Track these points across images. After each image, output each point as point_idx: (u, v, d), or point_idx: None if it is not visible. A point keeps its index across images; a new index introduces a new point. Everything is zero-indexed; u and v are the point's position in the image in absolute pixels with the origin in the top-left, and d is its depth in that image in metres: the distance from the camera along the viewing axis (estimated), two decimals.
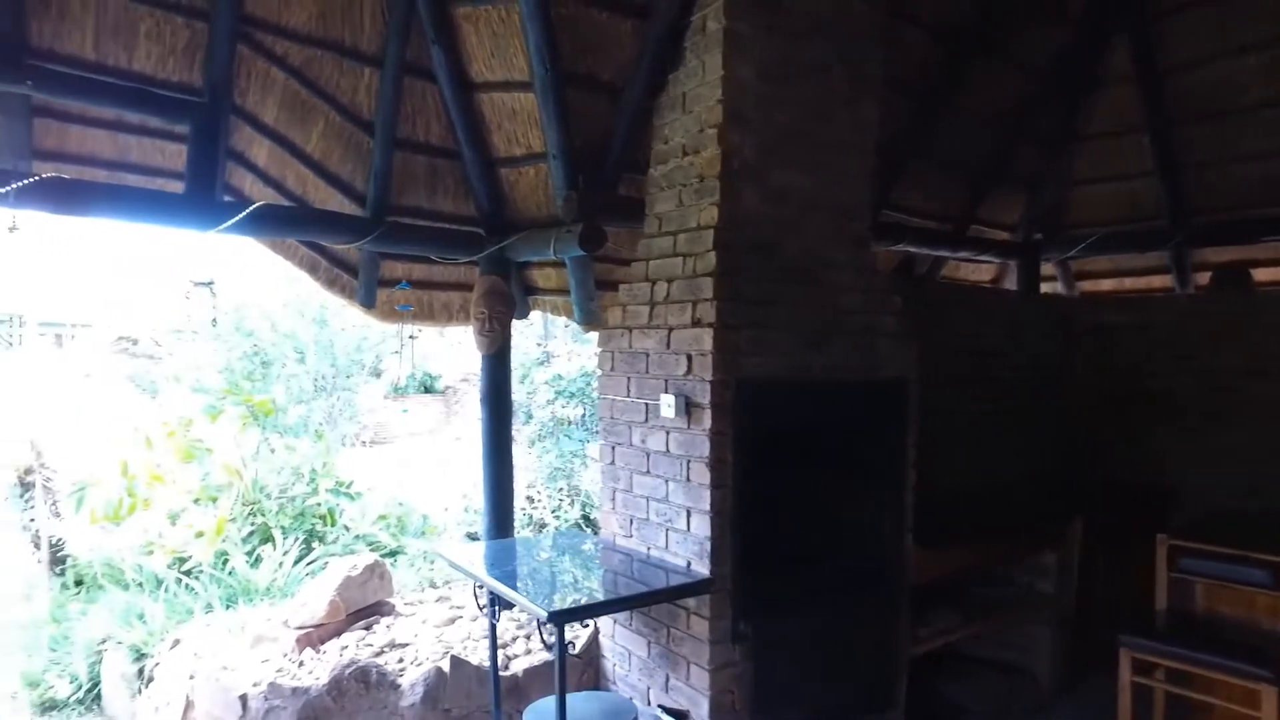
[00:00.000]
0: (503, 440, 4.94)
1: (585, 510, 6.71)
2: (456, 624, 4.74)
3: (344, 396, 8.33)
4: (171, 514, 6.25)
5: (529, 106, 4.35)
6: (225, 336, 7.09)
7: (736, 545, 3.58)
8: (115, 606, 5.78)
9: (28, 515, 6.14)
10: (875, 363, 4.11)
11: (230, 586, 5.82)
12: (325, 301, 7.67)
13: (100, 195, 3.82)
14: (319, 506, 6.43)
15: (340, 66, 4.32)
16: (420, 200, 4.75)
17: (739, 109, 3.74)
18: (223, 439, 6.37)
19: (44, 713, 5.58)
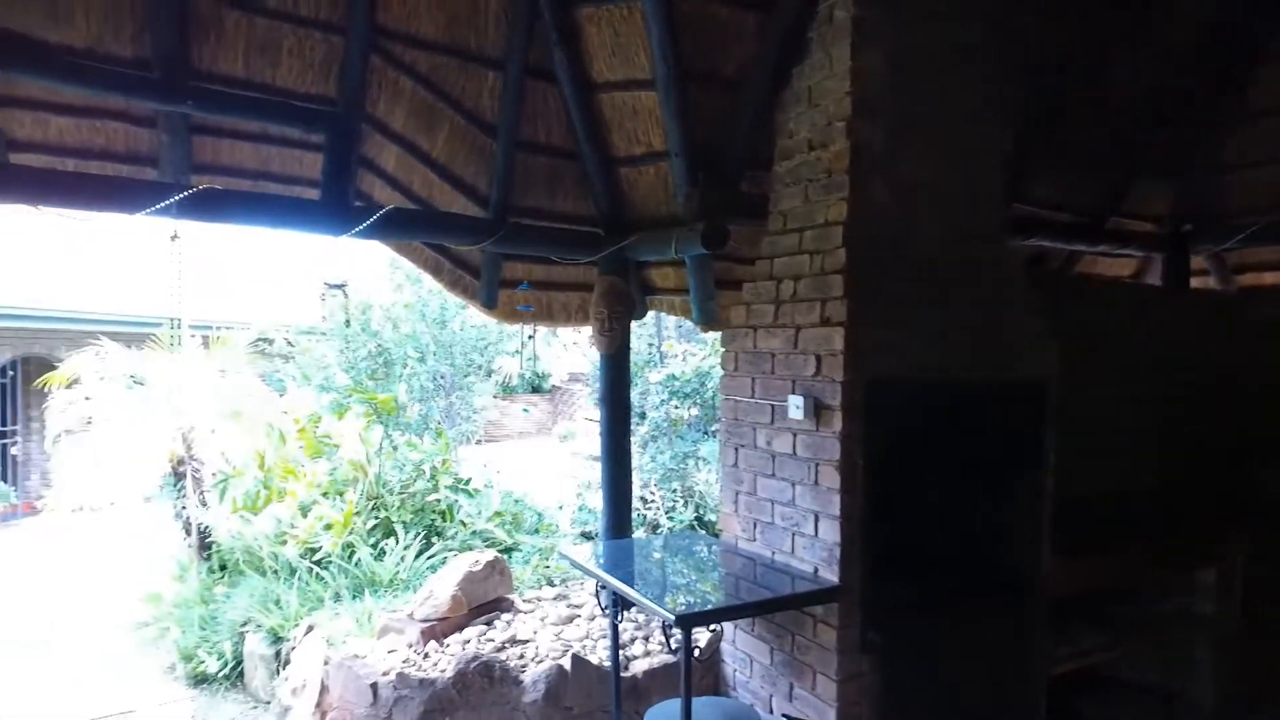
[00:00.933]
0: (621, 441, 4.94)
1: (699, 512, 6.66)
2: (575, 623, 4.76)
3: (461, 396, 8.55)
4: (303, 506, 6.56)
5: (650, 105, 4.33)
6: (351, 337, 7.41)
7: (866, 552, 3.45)
8: (254, 591, 6.11)
9: (179, 503, 6.57)
10: (1011, 363, 3.89)
11: (356, 577, 6.05)
12: (445, 303, 7.92)
13: (247, 204, 4.03)
14: (439, 503, 6.61)
15: (465, 71, 4.42)
16: (541, 201, 4.80)
17: (868, 100, 3.61)
18: (349, 435, 6.63)
19: (196, 685, 5.96)
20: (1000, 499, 4.02)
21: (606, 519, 4.93)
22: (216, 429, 6.40)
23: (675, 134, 4.16)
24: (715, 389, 7.07)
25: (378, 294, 8.29)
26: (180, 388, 6.62)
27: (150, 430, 6.51)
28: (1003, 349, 3.86)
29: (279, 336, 8.47)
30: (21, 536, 10.89)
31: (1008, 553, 4.02)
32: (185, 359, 6.72)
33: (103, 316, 12.13)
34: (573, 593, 5.29)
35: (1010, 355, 3.89)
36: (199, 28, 3.87)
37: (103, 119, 4.04)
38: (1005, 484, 4.01)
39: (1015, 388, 3.94)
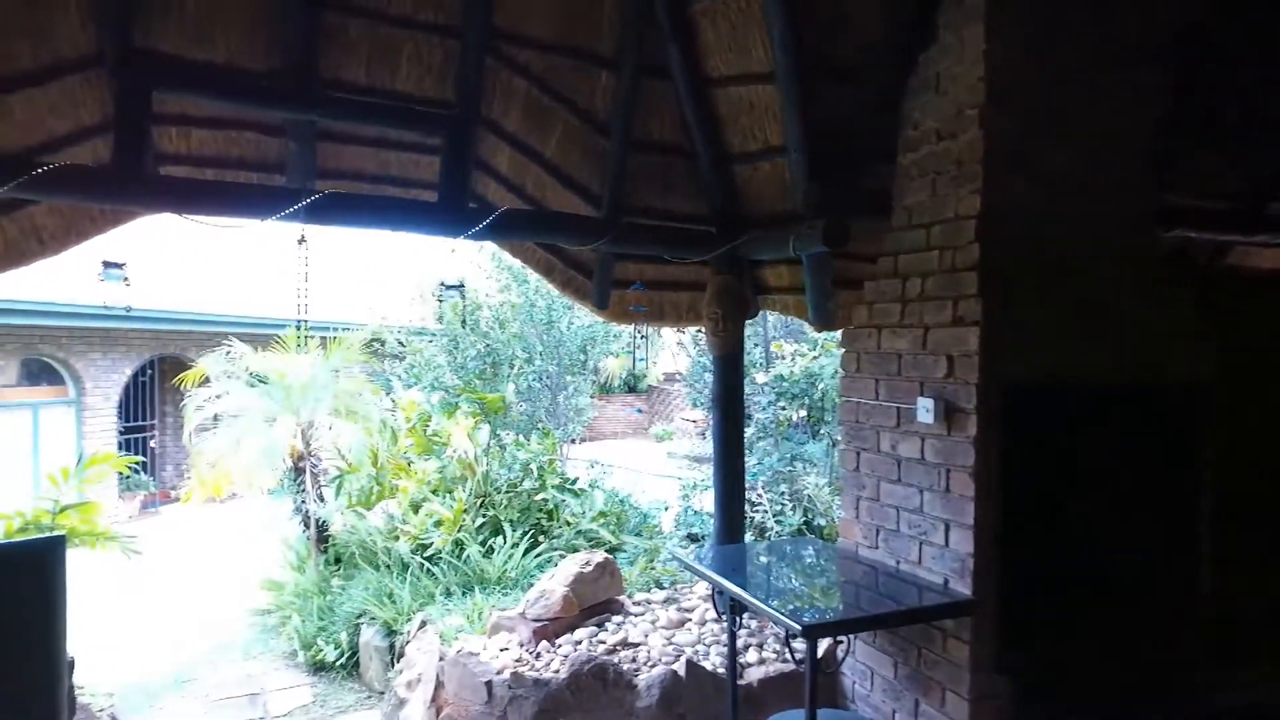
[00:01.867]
0: (735, 443, 4.84)
1: (808, 516, 6.49)
2: (686, 627, 4.70)
3: (567, 396, 8.62)
4: (413, 502, 6.72)
5: (766, 99, 4.22)
6: (460, 337, 7.56)
7: (1001, 564, 3.25)
8: (369, 584, 6.29)
9: (299, 498, 6.85)
10: (1161, 364, 3.61)
11: (465, 573, 6.15)
12: (552, 304, 8.00)
13: (369, 207, 4.14)
14: (546, 502, 6.66)
15: (578, 71, 4.41)
16: (653, 200, 4.76)
17: (1002, 86, 3.40)
18: (458, 434, 6.76)
19: (315, 672, 6.19)
20: (1152, 510, 3.72)
21: (718, 522, 4.84)
22: (333, 426, 6.63)
23: (795, 128, 4.03)
24: (824, 390, 6.89)
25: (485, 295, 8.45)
26: (300, 387, 6.89)
27: (273, 427, 6.80)
28: (1152, 349, 3.59)
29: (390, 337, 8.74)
30: (159, 523, 11.61)
31: (1162, 569, 3.73)
32: (304, 359, 6.99)
33: (230, 319, 12.84)
34: (682, 596, 5.23)
35: (1160, 356, 3.60)
36: (324, 38, 3.98)
37: (237, 130, 4.21)
38: (1157, 494, 3.72)
39: (1166, 390, 3.65)
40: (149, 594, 8.11)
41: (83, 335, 11.49)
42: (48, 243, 4.00)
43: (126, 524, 11.02)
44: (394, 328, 8.92)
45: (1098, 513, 3.58)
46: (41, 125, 3.68)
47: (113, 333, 11.84)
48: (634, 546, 6.83)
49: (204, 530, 11.10)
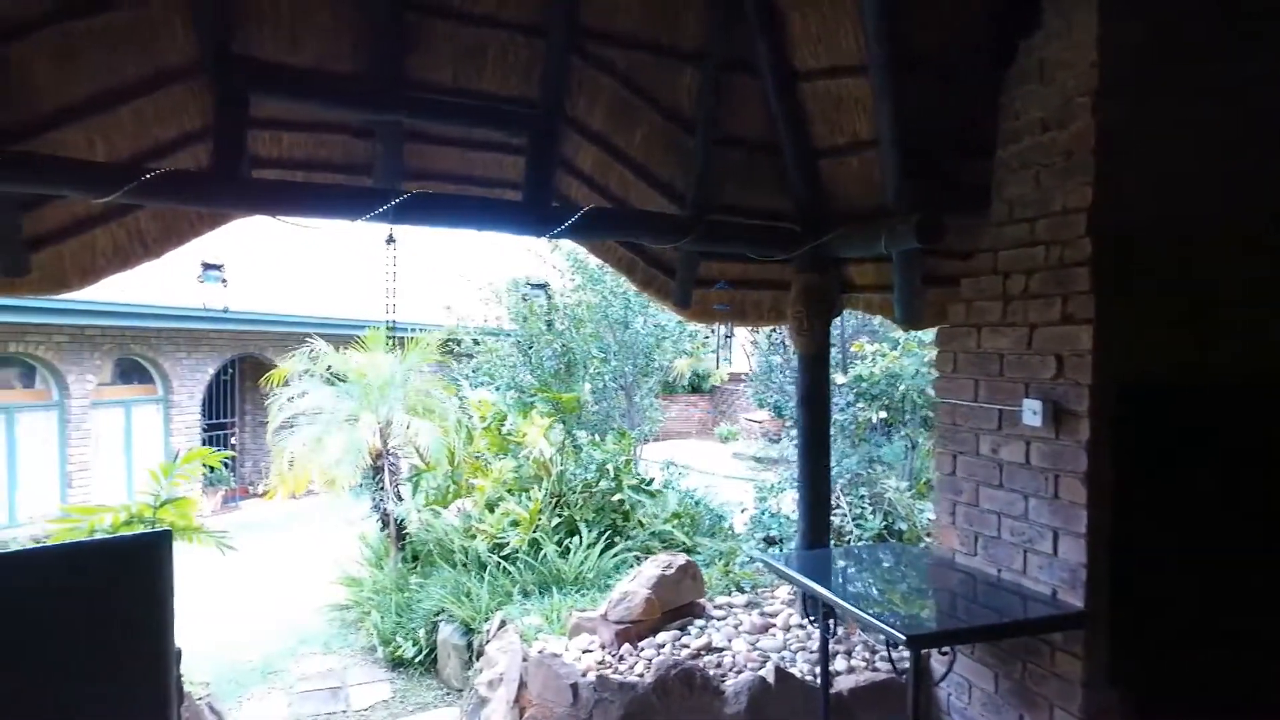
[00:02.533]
0: (820, 444, 4.74)
1: (889, 520, 6.33)
2: (770, 632, 4.61)
3: (640, 396, 8.60)
4: (489, 501, 6.77)
5: (856, 92, 4.10)
6: (536, 337, 7.58)
7: (1117, 574, 3.09)
8: (446, 582, 6.36)
9: (377, 495, 6.96)
10: None
11: (542, 573, 6.16)
12: (628, 303, 7.96)
13: (455, 207, 4.16)
14: (622, 503, 6.64)
15: (662, 67, 4.35)
16: (737, 197, 4.67)
17: (1118, 70, 3.23)
18: (533, 434, 6.79)
19: (394, 668, 6.28)
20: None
21: (803, 526, 4.74)
22: (410, 425, 6.73)
23: (887, 121, 3.91)
24: (905, 391, 6.71)
25: (559, 295, 8.47)
26: (379, 386, 7.00)
27: (354, 425, 6.93)
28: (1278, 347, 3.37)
29: (466, 337, 8.83)
30: (239, 518, 11.98)
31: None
32: (383, 358, 7.10)
33: (308, 319, 13.18)
34: (764, 600, 5.14)
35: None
36: (410, 39, 4.01)
37: (326, 133, 4.28)
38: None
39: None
40: (232, 587, 8.35)
41: (171, 336, 11.91)
42: (150, 246, 4.12)
43: (209, 519, 11.40)
44: (470, 328, 9.00)
45: (1219, 517, 3.38)
46: (148, 133, 3.79)
47: (197, 333, 12.25)
48: (709, 549, 6.76)
49: (283, 526, 11.41)
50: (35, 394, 10.72)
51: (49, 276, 3.95)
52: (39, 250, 3.89)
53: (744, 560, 6.32)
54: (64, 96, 3.55)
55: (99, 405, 11.24)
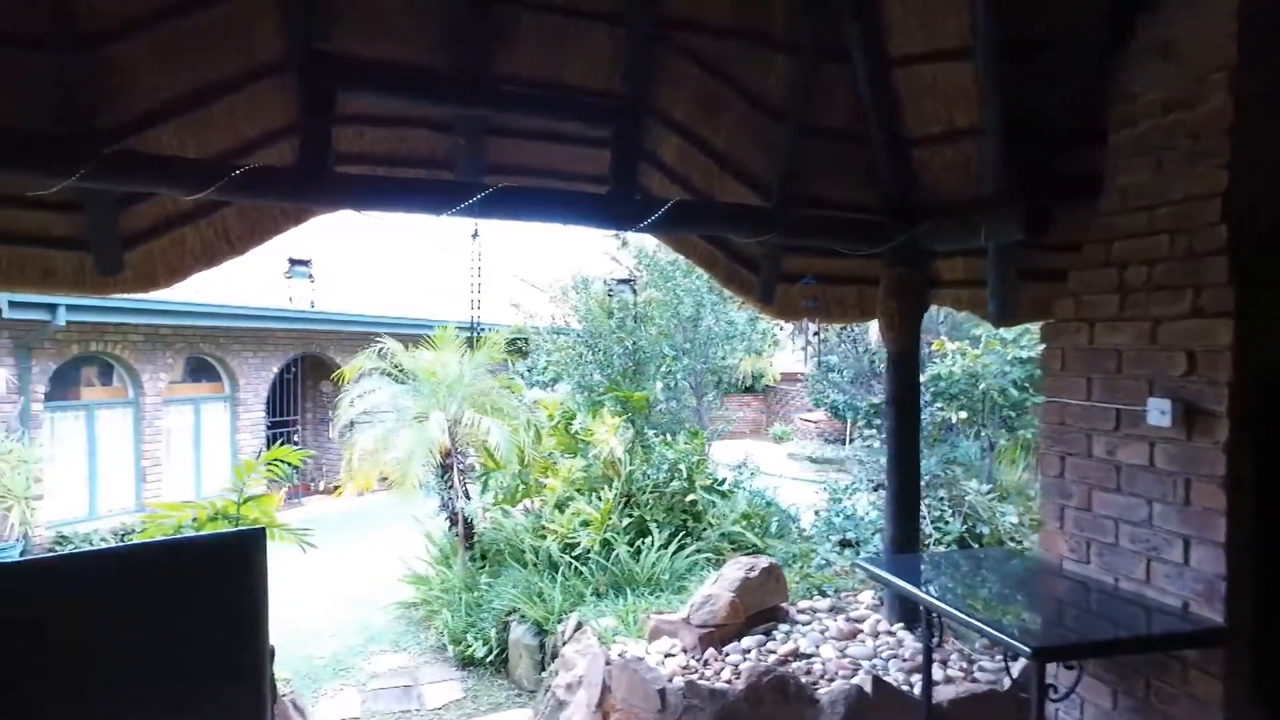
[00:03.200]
0: (910, 445, 4.57)
1: (970, 524, 6.11)
2: (859, 639, 4.45)
3: (712, 394, 8.46)
4: (559, 501, 6.71)
5: (953, 77, 3.93)
6: (606, 334, 7.49)
7: (1261, 587, 2.88)
8: (517, 582, 6.31)
9: (446, 494, 6.95)
10: None
11: (614, 574, 6.08)
12: (701, 300, 7.84)
13: (541, 200, 4.09)
14: (694, 503, 6.52)
15: (751, 56, 4.24)
16: (825, 190, 4.54)
17: (1261, 42, 2.99)
18: (603, 433, 6.71)
19: (464, 667, 6.25)
20: None
21: (892, 529, 4.57)
22: (480, 423, 6.70)
23: (992, 107, 3.73)
24: (987, 390, 6.47)
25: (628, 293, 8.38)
26: (448, 384, 6.99)
27: (421, 423, 6.93)
28: None
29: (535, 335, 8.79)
30: (303, 515, 12.16)
31: None
32: (452, 356, 7.09)
33: (371, 319, 13.36)
34: (848, 605, 4.98)
35: None
36: (494, 33, 3.95)
37: (407, 127, 4.26)
38: None
39: None
40: (299, 582, 8.44)
41: (238, 335, 12.14)
42: (235, 243, 4.14)
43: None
44: (539, 328, 8.94)
45: None
46: (237, 131, 3.81)
47: (262, 332, 12.47)
48: (781, 551, 6.61)
49: (346, 523, 11.53)
50: (112, 391, 11.00)
51: (140, 275, 3.98)
52: (131, 249, 3.93)
53: (820, 563, 6.17)
54: (161, 96, 3.58)
55: (170, 403, 11.49)
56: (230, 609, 2.91)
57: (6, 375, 9.31)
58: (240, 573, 2.94)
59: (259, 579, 2.99)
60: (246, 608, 2.95)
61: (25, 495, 9.00)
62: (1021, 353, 6.21)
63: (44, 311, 9.29)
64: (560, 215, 4.09)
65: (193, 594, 2.83)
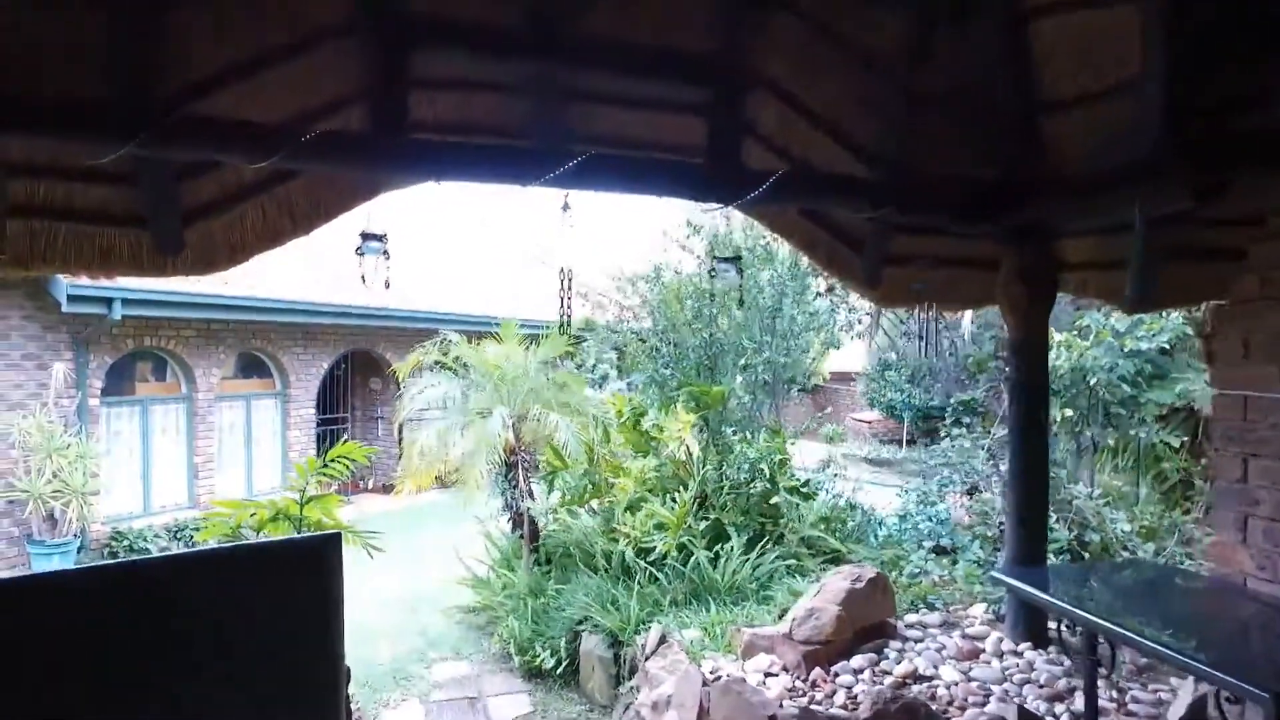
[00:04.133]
0: (1037, 444, 4.09)
1: (1078, 531, 5.58)
2: (981, 659, 4.00)
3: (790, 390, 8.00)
4: (630, 502, 6.32)
5: (1105, 26, 3.44)
6: (678, 326, 7.04)
7: None
8: (588, 589, 5.93)
9: (509, 493, 6.61)
10: None
11: (693, 581, 5.68)
12: (786, 289, 7.35)
13: (632, 170, 3.71)
14: (776, 507, 6.09)
15: (860, 13, 3.79)
16: (940, 161, 4.07)
17: None
18: (677, 431, 6.31)
19: (530, 678, 5.90)
20: None
21: (1015, 538, 4.10)
22: (545, 420, 6.34)
23: (1159, 59, 3.24)
24: (1098, 385, 5.94)
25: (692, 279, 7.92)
26: (511, 379, 6.65)
27: (486, 420, 6.59)
28: None
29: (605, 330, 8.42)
30: (352, 513, 11.96)
31: None
32: (516, 350, 6.75)
33: (425, 314, 13.17)
34: (960, 619, 4.52)
35: None
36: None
37: (480, 92, 3.88)
38: None
39: None
40: (354, 584, 8.18)
41: (289, 331, 11.99)
42: (299, 221, 3.82)
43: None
44: (597, 323, 8.55)
45: None
46: (296, 100, 3.47)
47: (312, 328, 12.31)
48: (865, 557, 6.16)
49: (400, 522, 11.28)
50: (166, 387, 10.90)
51: (200, 255, 3.69)
52: (189, 226, 3.63)
53: (913, 571, 5.70)
54: (217, 63, 3.26)
55: (222, 399, 11.36)
56: (307, 621, 2.57)
57: (65, 368, 9.21)
58: (317, 581, 2.60)
59: (335, 588, 2.65)
60: (323, 620, 2.61)
61: (82, 491, 8.89)
62: (1140, 344, 5.66)
63: (101, 306, 9.19)
64: (656, 186, 3.70)
65: (269, 604, 2.50)
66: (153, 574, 2.39)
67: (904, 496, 7.16)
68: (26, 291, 9.00)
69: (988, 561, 5.65)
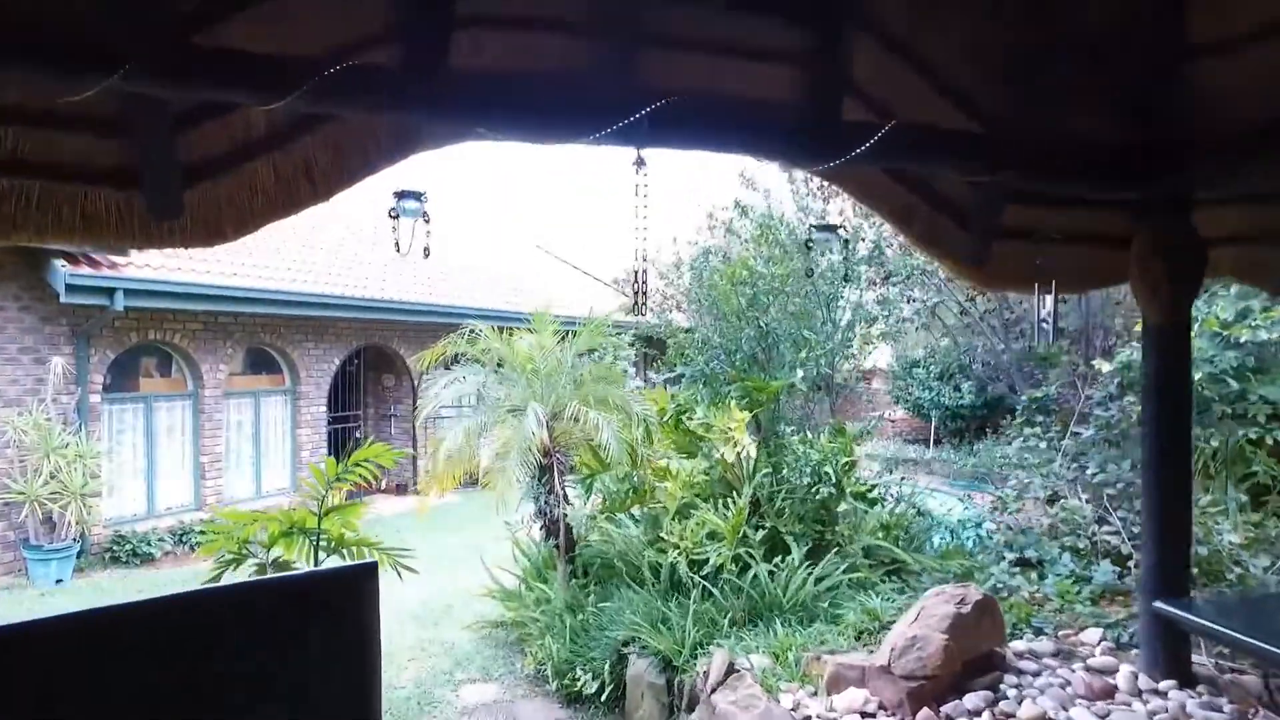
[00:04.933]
0: (1179, 447, 3.50)
1: None
2: (1117, 698, 3.40)
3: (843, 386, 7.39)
4: (679, 508, 5.72)
5: None
6: (728, 318, 6.38)
7: None
8: (634, 606, 5.35)
9: (542, 497, 6.02)
10: None
11: (752, 598, 5.10)
12: (849, 273, 6.72)
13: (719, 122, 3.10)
14: (845, 514, 5.50)
15: None
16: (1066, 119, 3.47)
17: None
18: (727, 429, 5.72)
19: (569, 703, 5.32)
20: None
21: (1153, 561, 3.51)
22: (588, 418, 5.75)
23: None
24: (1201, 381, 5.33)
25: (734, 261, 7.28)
26: (546, 373, 6.08)
27: (515, 418, 6.00)
28: None
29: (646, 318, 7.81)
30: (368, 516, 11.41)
31: None
32: (551, 341, 6.17)
33: (443, 308, 12.63)
34: (1075, 647, 3.93)
35: None
36: None
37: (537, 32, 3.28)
38: None
39: None
40: None
41: (299, 325, 11.46)
42: (318, 184, 3.25)
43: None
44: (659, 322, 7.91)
45: None
46: (321, 33, 2.90)
47: (324, 322, 11.79)
48: (935, 570, 5.58)
49: (417, 525, 10.72)
50: (171, 383, 10.38)
51: (200, 222, 3.13)
52: (190, 188, 3.06)
53: (994, 587, 5.11)
54: None
55: (230, 396, 10.84)
56: (345, 658, 2.05)
57: (63, 363, 8.68)
58: (354, 615, 2.08)
59: (372, 622, 2.12)
60: (360, 657, 2.08)
61: (81, 492, 8.37)
62: (1260, 334, 5.04)
63: (102, 296, 8.66)
64: (741, 140, 3.13)
65: (303, 642, 2.02)
66: (174, 612, 1.90)
67: (964, 502, 6.57)
68: (22, 282, 8.49)
69: (1081, 577, 5.05)
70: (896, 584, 5.64)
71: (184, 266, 9.79)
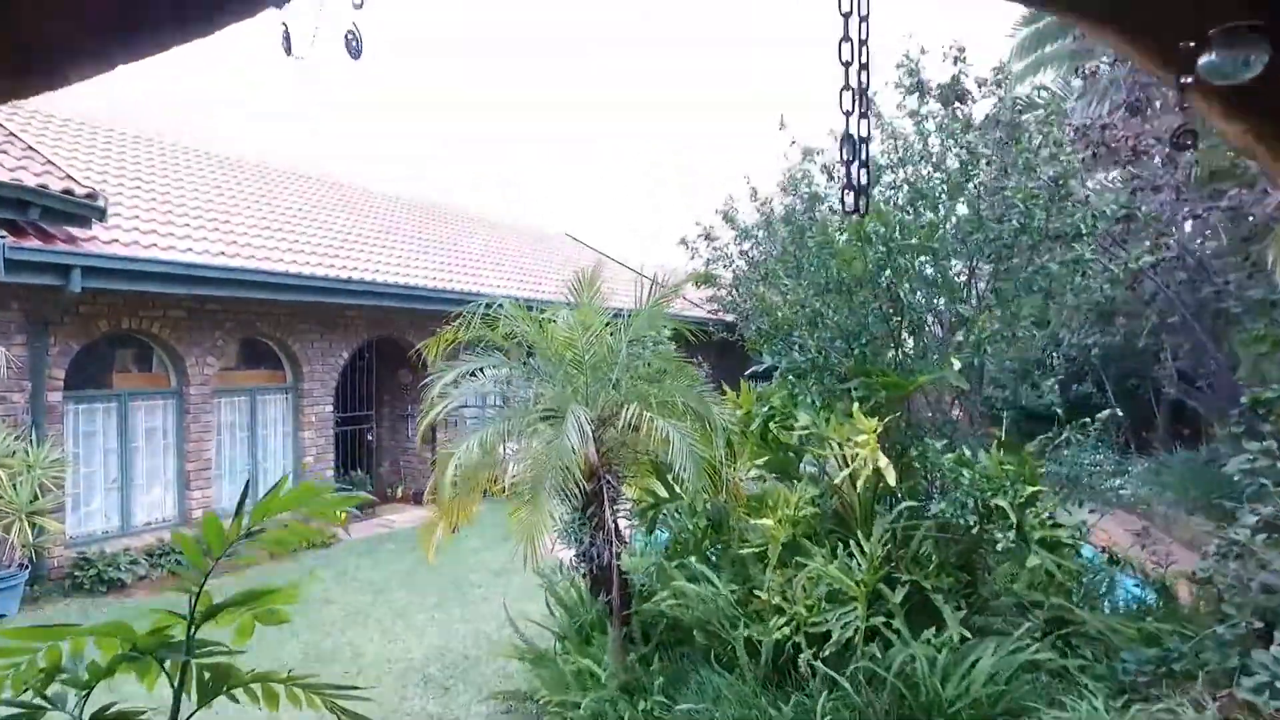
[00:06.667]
0: None
1: None
2: None
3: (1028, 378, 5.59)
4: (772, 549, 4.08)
5: None
6: (846, 289, 4.56)
7: None
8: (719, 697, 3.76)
9: (586, 535, 4.41)
10: None
11: (898, 692, 3.48)
12: (1038, 198, 4.81)
13: None
14: (1037, 569, 3.84)
15: None
16: None
17: None
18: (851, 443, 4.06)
19: None
20: None
21: None
22: (643, 427, 4.15)
23: None
24: None
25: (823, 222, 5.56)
26: (592, 365, 4.48)
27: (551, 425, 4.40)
28: None
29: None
30: (377, 534, 9.91)
31: None
32: (595, 323, 4.56)
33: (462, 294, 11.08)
34: None
35: None
36: None
37: None
38: None
39: None
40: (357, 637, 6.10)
41: (301, 312, 10.01)
42: None
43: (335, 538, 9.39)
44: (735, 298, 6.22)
45: None
46: None
47: (332, 309, 10.32)
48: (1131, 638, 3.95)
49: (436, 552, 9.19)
50: (150, 379, 8.97)
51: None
52: None
53: (1263, 682, 3.43)
54: None
55: (220, 394, 9.40)
56: None
57: (5, 353, 7.22)
58: None
59: None
60: None
61: (30, 509, 6.95)
62: None
63: (55, 275, 7.22)
64: None
65: None
66: None
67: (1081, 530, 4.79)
68: None
69: None
70: (1077, 659, 4.05)
71: (160, 244, 8.35)
